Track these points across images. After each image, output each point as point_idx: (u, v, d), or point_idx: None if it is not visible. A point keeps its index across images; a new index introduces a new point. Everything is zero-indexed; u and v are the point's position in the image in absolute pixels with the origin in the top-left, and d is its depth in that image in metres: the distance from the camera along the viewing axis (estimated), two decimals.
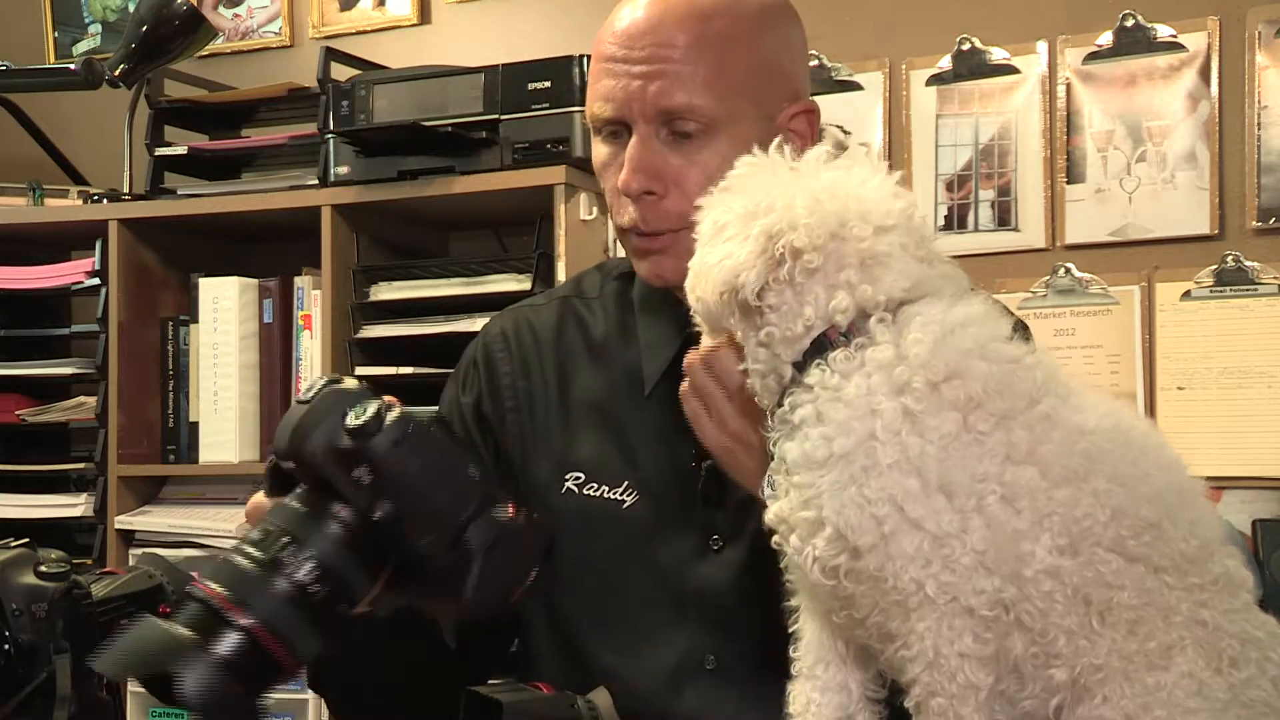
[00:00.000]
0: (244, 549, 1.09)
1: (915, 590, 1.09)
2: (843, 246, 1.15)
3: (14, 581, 1.06)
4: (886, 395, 1.11)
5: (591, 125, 1.53)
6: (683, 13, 1.47)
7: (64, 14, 3.94)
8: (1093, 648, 1.11)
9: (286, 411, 1.15)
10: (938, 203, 3.02)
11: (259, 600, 1.07)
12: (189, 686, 1.03)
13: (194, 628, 1.06)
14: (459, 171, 2.96)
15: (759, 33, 1.50)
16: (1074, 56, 2.91)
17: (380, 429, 1.09)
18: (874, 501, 1.09)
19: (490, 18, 3.46)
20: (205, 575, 1.09)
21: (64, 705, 1.04)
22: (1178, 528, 1.14)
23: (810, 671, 1.21)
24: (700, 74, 1.45)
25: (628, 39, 1.47)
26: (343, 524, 1.09)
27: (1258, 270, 2.76)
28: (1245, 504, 2.72)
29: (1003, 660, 1.12)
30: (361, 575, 1.10)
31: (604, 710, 1.39)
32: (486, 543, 1.10)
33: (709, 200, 1.22)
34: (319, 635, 1.09)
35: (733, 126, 1.46)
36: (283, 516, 1.11)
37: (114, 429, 3.27)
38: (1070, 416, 1.14)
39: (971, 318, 1.16)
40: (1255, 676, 1.14)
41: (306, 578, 1.08)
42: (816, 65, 3.11)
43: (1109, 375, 2.83)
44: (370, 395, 1.13)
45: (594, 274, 1.69)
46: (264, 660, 1.07)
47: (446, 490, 1.10)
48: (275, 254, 3.43)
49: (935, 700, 1.10)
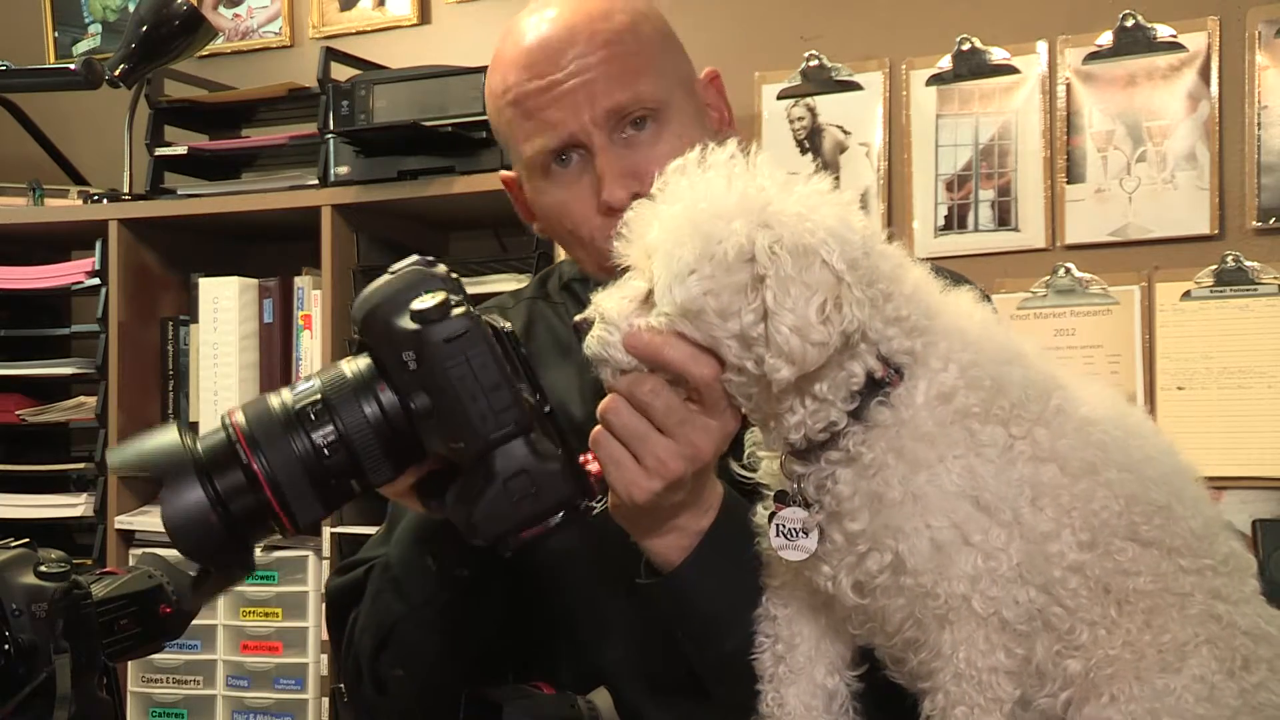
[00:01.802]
0: (282, 393, 1.09)
1: (961, 604, 1.09)
2: (877, 280, 1.11)
3: (14, 581, 1.06)
4: (951, 422, 1.10)
5: (530, 169, 1.51)
6: (585, 19, 1.48)
7: (64, 14, 3.94)
8: (1110, 637, 1.12)
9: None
10: (938, 203, 3.02)
11: (271, 449, 1.06)
12: (168, 502, 1.04)
13: (207, 452, 1.06)
14: (459, 171, 2.97)
15: (648, 18, 1.53)
16: (1074, 56, 2.91)
17: (440, 319, 1.06)
18: (937, 528, 1.09)
19: (490, 18, 3.46)
20: (241, 406, 1.09)
21: (64, 705, 1.04)
22: (1186, 507, 1.15)
23: (800, 673, 1.21)
24: (628, 66, 1.46)
25: (544, 65, 1.46)
26: (379, 405, 1.07)
27: (1258, 270, 2.76)
28: (1245, 504, 2.72)
29: (1025, 670, 1.12)
30: (384, 461, 1.08)
31: (604, 710, 1.39)
32: (509, 470, 1.07)
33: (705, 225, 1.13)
34: (320, 502, 1.07)
35: (675, 108, 1.49)
36: (329, 376, 1.09)
37: (114, 429, 3.27)
38: (1078, 408, 1.14)
39: (981, 320, 1.16)
40: (1267, 679, 1.14)
41: (322, 441, 1.06)
42: (816, 65, 3.11)
43: (1109, 375, 2.83)
44: (449, 286, 1.09)
45: (555, 275, 1.69)
46: (256, 506, 1.06)
47: (483, 403, 1.06)
48: (275, 254, 3.43)
49: (958, 710, 1.10)
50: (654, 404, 1.16)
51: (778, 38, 3.16)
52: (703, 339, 1.12)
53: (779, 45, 3.16)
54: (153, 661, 3.20)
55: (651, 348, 1.14)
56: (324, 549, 3.11)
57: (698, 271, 1.09)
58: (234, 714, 3.21)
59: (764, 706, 1.22)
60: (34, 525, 3.25)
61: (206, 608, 1.24)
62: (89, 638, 1.08)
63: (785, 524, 1.16)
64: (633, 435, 1.17)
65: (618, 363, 1.16)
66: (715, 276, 1.09)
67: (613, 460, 1.19)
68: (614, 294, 1.16)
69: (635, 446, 1.18)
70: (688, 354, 1.13)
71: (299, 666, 3.16)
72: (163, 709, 3.26)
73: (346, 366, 1.10)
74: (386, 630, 1.44)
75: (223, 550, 1.07)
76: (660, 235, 1.12)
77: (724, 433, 1.18)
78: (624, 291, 1.16)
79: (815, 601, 1.20)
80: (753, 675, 1.23)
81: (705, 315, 1.10)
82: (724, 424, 1.18)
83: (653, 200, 1.16)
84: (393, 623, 1.43)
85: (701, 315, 1.10)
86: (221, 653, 3.20)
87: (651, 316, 1.13)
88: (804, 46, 3.14)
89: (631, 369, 1.16)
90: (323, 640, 3.13)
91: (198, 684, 3.23)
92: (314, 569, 3.15)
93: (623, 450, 1.18)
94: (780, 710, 1.20)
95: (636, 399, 1.16)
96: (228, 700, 3.21)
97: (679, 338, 1.13)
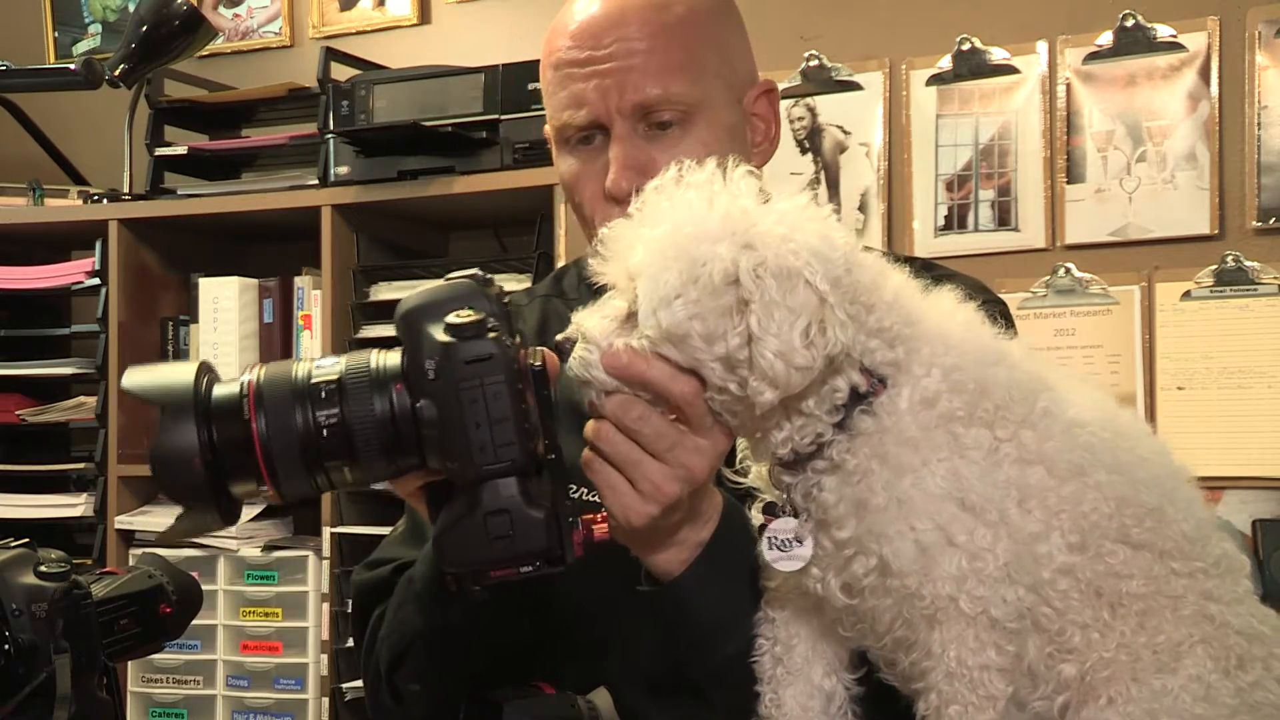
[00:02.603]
0: (307, 363, 1.09)
1: (948, 604, 1.09)
2: (859, 295, 1.11)
3: (14, 581, 1.06)
4: (935, 426, 1.11)
5: (557, 137, 1.50)
6: (640, 4, 1.46)
7: (64, 14, 3.94)
8: (1103, 641, 1.12)
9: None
10: (938, 203, 3.02)
11: (274, 414, 1.06)
12: (161, 435, 1.04)
13: (216, 399, 1.07)
14: (459, 171, 2.97)
15: (713, 16, 1.50)
16: (1074, 56, 2.91)
17: (469, 339, 1.05)
18: (921, 530, 1.09)
19: (490, 18, 3.46)
20: (266, 365, 1.09)
21: (64, 705, 1.04)
22: (1177, 509, 1.15)
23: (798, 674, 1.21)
24: (669, 62, 1.44)
25: (588, 40, 1.45)
26: (391, 403, 1.07)
27: (1258, 270, 2.76)
28: (1245, 504, 2.72)
29: (1018, 668, 1.12)
30: (379, 457, 1.08)
31: (604, 710, 1.39)
32: (493, 506, 1.07)
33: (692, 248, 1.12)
34: (308, 479, 1.08)
35: (708, 111, 1.46)
36: (354, 362, 1.10)
37: (114, 429, 3.27)
38: (1065, 410, 1.14)
39: (965, 321, 1.16)
40: (1263, 678, 1.14)
41: (324, 421, 1.06)
42: (817, 65, 3.11)
43: (1109, 375, 2.83)
44: (493, 310, 1.09)
45: (572, 272, 1.67)
46: (245, 464, 1.06)
47: (485, 432, 1.05)
48: (275, 254, 3.44)
49: (952, 708, 1.10)
50: (643, 430, 1.15)
51: (778, 38, 3.16)
52: (685, 361, 1.12)
53: (779, 45, 3.16)
54: (153, 661, 3.21)
55: (632, 368, 1.13)
56: (324, 549, 3.11)
57: (683, 296, 1.09)
58: (234, 714, 3.21)
59: (762, 708, 1.22)
60: (34, 525, 3.25)
61: (207, 607, 1.24)
62: (89, 638, 1.08)
63: (777, 535, 1.17)
64: (625, 461, 1.16)
65: (600, 383, 1.15)
66: (701, 301, 1.09)
67: (608, 485, 1.18)
68: (595, 314, 1.16)
69: (629, 472, 1.17)
70: (667, 373, 1.13)
71: (299, 666, 3.16)
72: (163, 709, 3.27)
73: (374, 358, 1.10)
74: (405, 645, 1.43)
75: (199, 496, 1.06)
76: (644, 258, 1.12)
77: (716, 451, 1.18)
78: (605, 311, 1.16)
79: (810, 604, 1.20)
80: (752, 680, 1.23)
81: (690, 340, 1.10)
82: (715, 443, 1.17)
83: (631, 220, 1.16)
84: (411, 639, 1.42)
85: (687, 340, 1.10)
86: (221, 653, 3.21)
87: (633, 338, 1.13)
88: (804, 46, 3.14)
89: (614, 389, 1.15)
90: (323, 640, 3.13)
91: (198, 684, 3.23)
92: (314, 569, 3.15)
93: (617, 475, 1.17)
94: (778, 711, 1.21)
95: (625, 424, 1.15)
96: (228, 700, 3.21)
97: (659, 357, 1.12)
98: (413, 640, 1.42)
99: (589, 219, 1.49)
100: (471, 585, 1.11)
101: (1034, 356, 1.18)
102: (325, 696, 3.12)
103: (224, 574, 3.20)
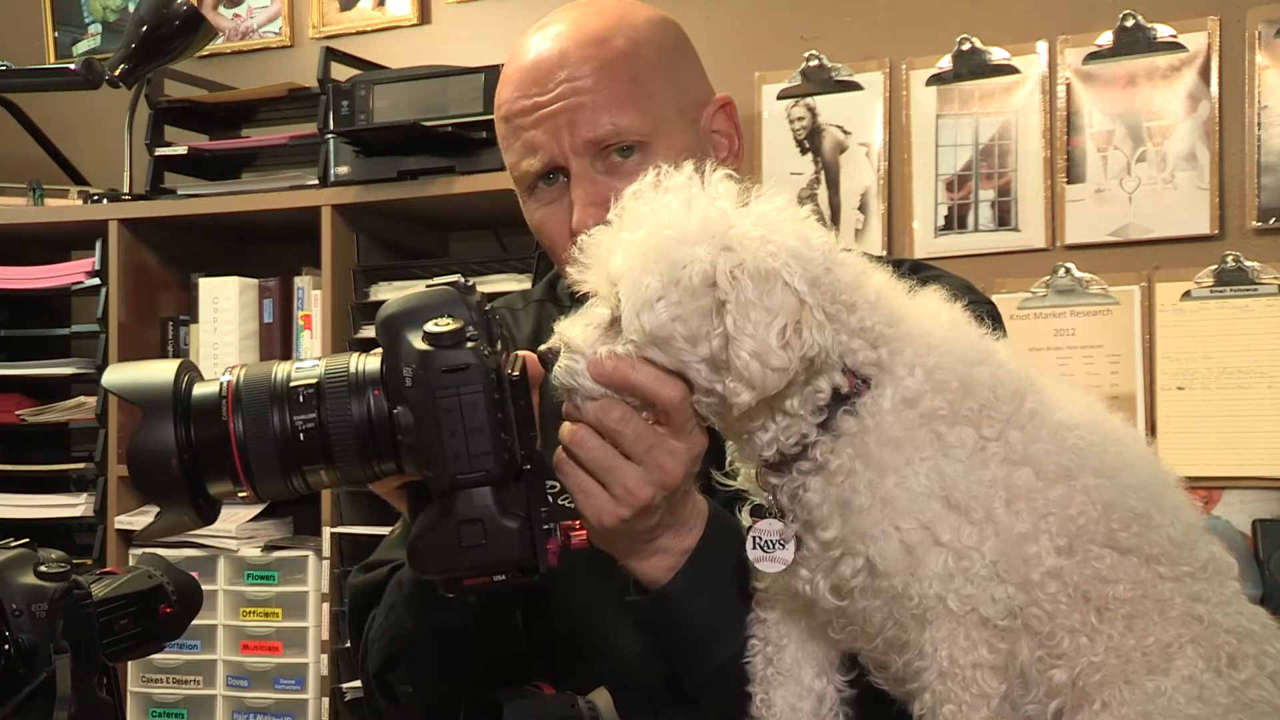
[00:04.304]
0: (287, 365, 1.10)
1: (936, 604, 1.09)
2: (839, 294, 1.12)
3: (14, 581, 1.06)
4: (918, 425, 1.11)
5: (519, 187, 1.51)
6: (580, 42, 1.46)
7: (64, 14, 3.94)
8: (1092, 645, 1.12)
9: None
10: (938, 203, 3.02)
11: (251, 416, 1.07)
12: (140, 435, 1.06)
13: (195, 399, 1.07)
14: (459, 171, 2.97)
15: (655, 43, 1.50)
16: (1074, 56, 2.91)
17: (446, 347, 1.06)
18: (906, 529, 1.09)
19: (490, 18, 3.46)
20: (247, 365, 1.10)
21: (64, 705, 1.04)
22: (1164, 514, 1.15)
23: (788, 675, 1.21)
24: (616, 95, 1.44)
25: (533, 86, 1.46)
26: (368, 408, 1.08)
27: (1258, 270, 2.76)
28: (1245, 504, 2.72)
29: (1010, 666, 1.12)
30: (356, 460, 1.09)
31: (604, 710, 1.39)
32: (467, 515, 1.07)
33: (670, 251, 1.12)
34: (284, 480, 1.08)
35: (664, 139, 1.46)
36: (333, 366, 1.10)
37: (114, 429, 3.27)
38: (1053, 412, 1.15)
39: (949, 320, 1.16)
40: (1255, 675, 1.14)
41: (301, 425, 1.07)
42: (817, 65, 3.11)
43: (1109, 375, 2.83)
44: (473, 319, 1.09)
45: (563, 279, 1.67)
46: (221, 464, 1.07)
47: (460, 441, 1.06)
48: (275, 254, 3.44)
49: (946, 708, 1.10)
50: (624, 431, 1.15)
51: (778, 38, 3.16)
52: (670, 364, 1.12)
53: (779, 45, 3.16)
54: (153, 661, 3.20)
55: (618, 374, 1.14)
56: (324, 549, 3.11)
57: (665, 298, 1.10)
58: (234, 714, 3.21)
59: (753, 708, 1.22)
60: (34, 525, 3.25)
61: (207, 607, 1.24)
62: (89, 638, 1.08)
63: (762, 536, 1.17)
64: (599, 466, 1.17)
65: (587, 391, 1.15)
66: (682, 302, 1.10)
67: (580, 489, 1.18)
68: (577, 322, 1.16)
69: (602, 476, 1.17)
70: (654, 377, 1.13)
71: (299, 666, 3.16)
72: (163, 709, 3.26)
73: (353, 362, 1.11)
74: (397, 648, 1.43)
75: (174, 495, 1.08)
76: (625, 262, 1.12)
77: (691, 455, 1.18)
78: (588, 319, 1.16)
79: (801, 605, 1.20)
80: (743, 685, 1.23)
81: (674, 341, 1.11)
82: (691, 446, 1.17)
83: (611, 226, 1.16)
84: (403, 642, 1.42)
85: (670, 342, 1.11)
86: (221, 653, 3.20)
87: (618, 343, 1.13)
88: (804, 46, 3.14)
89: (600, 396, 1.15)
90: (323, 640, 3.13)
91: (198, 684, 3.23)
92: (314, 569, 3.14)
93: (589, 479, 1.18)
94: (768, 712, 1.21)
95: (605, 426, 1.16)
96: (228, 700, 3.21)
97: (644, 361, 1.13)
98: (404, 643, 1.42)
99: (561, 259, 1.48)
100: (446, 592, 1.12)
101: (1021, 357, 1.18)
102: (325, 696, 3.12)
103: (224, 574, 3.20)
